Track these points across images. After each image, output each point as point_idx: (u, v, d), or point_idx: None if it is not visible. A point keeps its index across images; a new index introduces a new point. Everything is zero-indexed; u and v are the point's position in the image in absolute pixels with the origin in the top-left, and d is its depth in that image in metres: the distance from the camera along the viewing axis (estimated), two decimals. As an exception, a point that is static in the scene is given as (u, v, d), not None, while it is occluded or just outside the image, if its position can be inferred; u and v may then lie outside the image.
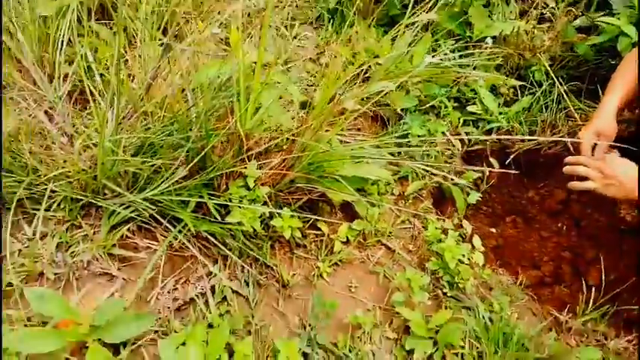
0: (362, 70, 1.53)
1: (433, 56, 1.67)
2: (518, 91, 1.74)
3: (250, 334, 1.18)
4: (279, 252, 1.35)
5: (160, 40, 1.45)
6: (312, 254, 1.36)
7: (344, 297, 1.30)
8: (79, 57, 1.30)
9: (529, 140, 1.68)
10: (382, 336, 1.24)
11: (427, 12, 1.57)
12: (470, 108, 1.73)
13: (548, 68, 1.70)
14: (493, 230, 1.73)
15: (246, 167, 1.16)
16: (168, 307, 1.20)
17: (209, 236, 1.22)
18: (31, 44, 1.30)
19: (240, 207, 1.12)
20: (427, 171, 1.55)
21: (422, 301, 1.22)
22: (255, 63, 1.03)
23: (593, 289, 1.34)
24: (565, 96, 1.70)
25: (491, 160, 1.68)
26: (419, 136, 1.58)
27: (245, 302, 1.24)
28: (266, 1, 1.75)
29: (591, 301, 1.32)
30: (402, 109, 1.58)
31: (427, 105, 1.64)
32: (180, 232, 1.18)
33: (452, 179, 1.54)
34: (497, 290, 1.33)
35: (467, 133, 1.70)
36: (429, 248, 1.40)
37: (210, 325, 1.16)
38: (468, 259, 1.34)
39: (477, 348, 1.17)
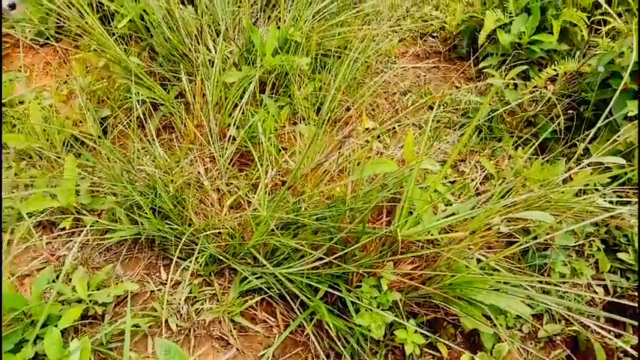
0: (506, 189, 1.47)
1: (585, 191, 1.56)
2: (685, 251, 1.54)
3: None
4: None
5: (314, 120, 1.53)
6: (422, 375, 1.25)
7: None
8: (249, 123, 1.40)
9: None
10: None
11: (587, 142, 1.49)
12: (621, 255, 1.55)
13: None
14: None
15: (384, 268, 1.12)
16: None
17: (330, 331, 1.18)
18: (212, 103, 1.43)
19: (370, 310, 1.07)
20: (564, 316, 1.39)
21: None
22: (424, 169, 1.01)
23: None
24: None
25: (642, 320, 1.46)
26: (561, 274, 1.44)
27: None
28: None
29: None
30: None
31: (575, 243, 1.51)
32: (307, 319, 1.14)
33: (593, 332, 1.36)
34: None
35: (613, 283, 1.52)
36: (560, 408, 1.21)
37: None
38: None
39: None
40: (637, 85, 0.86)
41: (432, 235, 1.14)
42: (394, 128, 1.94)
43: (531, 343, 1.37)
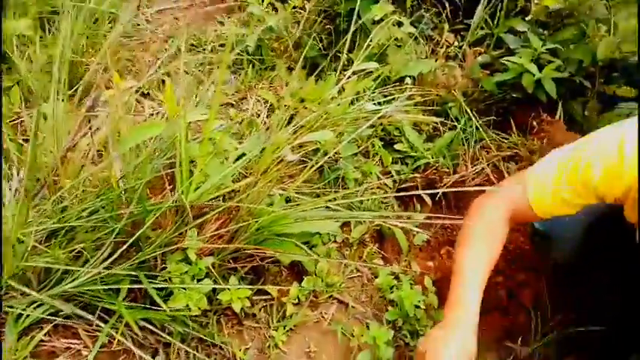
0: (289, 115, 1.47)
1: (357, 99, 1.68)
2: (439, 128, 1.81)
3: None
4: (227, 326, 1.20)
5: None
6: (263, 322, 1.24)
7: (304, 366, 1.19)
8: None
9: (454, 174, 1.74)
10: (351, 401, 1.16)
11: (346, 52, 1.58)
12: (397, 146, 1.75)
13: (464, 104, 1.80)
14: (430, 264, 1.75)
15: (185, 239, 1.02)
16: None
17: (145, 324, 1.05)
18: None
19: (184, 289, 0.98)
20: (367, 213, 1.52)
21: (388, 358, 1.16)
22: (190, 123, 0.91)
23: (537, 313, 1.39)
24: (480, 129, 1.81)
25: (423, 196, 1.71)
26: (355, 180, 1.56)
27: (197, 392, 1.08)
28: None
29: (533, 326, 1.37)
30: (336, 155, 1.55)
31: (359, 148, 1.63)
32: (113, 327, 0.99)
33: (392, 223, 1.53)
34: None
35: (397, 172, 1.72)
36: (383, 296, 1.36)
37: None
38: (423, 301, 1.32)
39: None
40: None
41: (225, 187, 1.07)
42: (163, 82, 1.75)
43: (347, 249, 1.49)
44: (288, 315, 1.25)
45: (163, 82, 1.71)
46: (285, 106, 1.59)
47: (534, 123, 1.85)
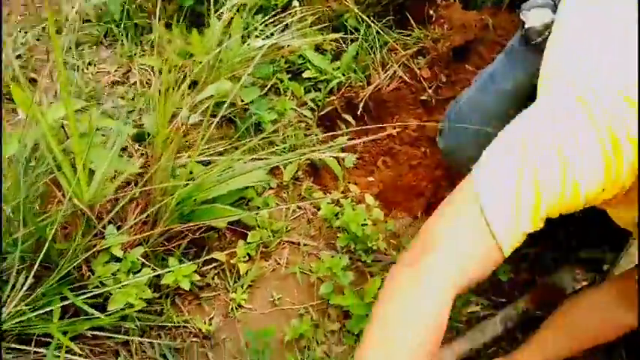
0: (182, 76, 1.37)
1: (256, 36, 1.58)
2: (342, 43, 1.75)
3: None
4: (184, 305, 1.18)
5: None
6: (220, 289, 1.22)
7: (272, 315, 1.20)
8: None
9: (369, 85, 1.71)
10: (326, 332, 1.19)
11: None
12: (305, 74, 1.69)
13: (359, 12, 1.73)
14: (371, 179, 1.76)
15: (104, 238, 0.95)
16: None
17: (97, 332, 1.00)
18: None
19: (120, 288, 0.92)
20: (293, 152, 1.49)
21: (349, 281, 1.19)
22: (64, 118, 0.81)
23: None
24: (381, 32, 1.76)
25: (345, 116, 1.68)
26: (272, 121, 1.50)
27: (173, 377, 1.07)
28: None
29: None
30: (244, 102, 1.47)
31: (266, 88, 1.55)
32: (58, 347, 0.93)
33: (319, 150, 1.50)
34: (405, 234, 1.36)
35: (313, 100, 1.67)
36: (330, 225, 1.36)
37: None
38: (369, 218, 1.34)
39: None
40: None
41: (120, 173, 0.99)
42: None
43: (284, 192, 1.46)
44: (242, 274, 1.23)
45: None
46: (174, 67, 1.47)
47: (431, 12, 1.82)
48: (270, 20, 1.64)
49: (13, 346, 0.88)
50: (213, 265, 1.24)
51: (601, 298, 0.92)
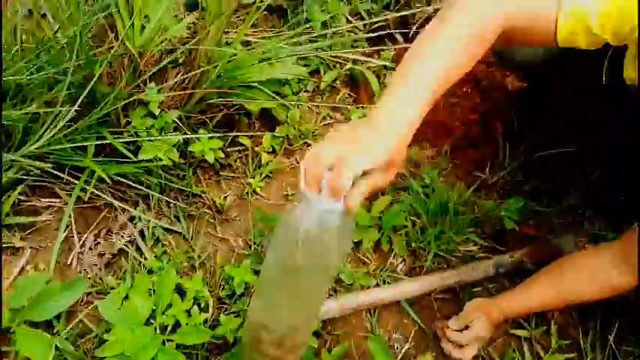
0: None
1: None
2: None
3: (196, 269, 1.12)
4: (204, 177, 1.24)
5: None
6: (239, 172, 1.27)
7: (283, 208, 1.26)
8: None
9: (428, 6, 1.64)
10: (328, 234, 1.25)
11: None
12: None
13: None
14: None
15: (145, 92, 0.98)
16: (96, 265, 1.08)
17: (121, 179, 1.07)
18: None
19: (151, 140, 0.97)
20: (337, 59, 1.47)
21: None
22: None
23: (506, 143, 1.44)
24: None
25: (396, 34, 1.63)
26: (321, 22, 1.46)
27: (181, 238, 1.15)
28: None
29: (502, 156, 1.43)
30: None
31: (324, -14, 1.50)
32: (86, 181, 1.01)
33: (362, 63, 1.48)
34: (426, 165, 1.38)
35: (367, 11, 1.61)
36: (355, 139, 1.38)
37: (150, 271, 1.07)
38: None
39: (419, 224, 1.23)
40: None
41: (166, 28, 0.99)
42: None
43: (319, 98, 1.46)
44: (263, 163, 1.27)
45: None
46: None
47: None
48: None
49: (48, 169, 0.95)
50: (238, 148, 1.28)
51: (595, 260, 0.95)
